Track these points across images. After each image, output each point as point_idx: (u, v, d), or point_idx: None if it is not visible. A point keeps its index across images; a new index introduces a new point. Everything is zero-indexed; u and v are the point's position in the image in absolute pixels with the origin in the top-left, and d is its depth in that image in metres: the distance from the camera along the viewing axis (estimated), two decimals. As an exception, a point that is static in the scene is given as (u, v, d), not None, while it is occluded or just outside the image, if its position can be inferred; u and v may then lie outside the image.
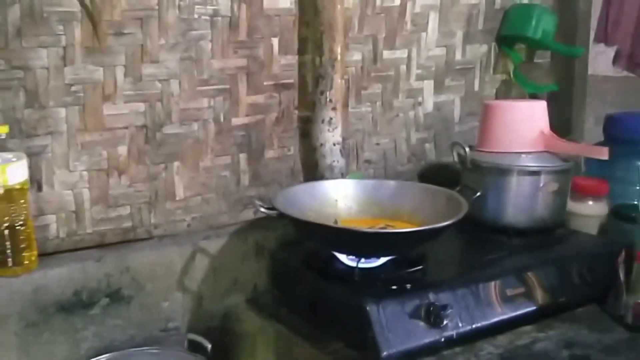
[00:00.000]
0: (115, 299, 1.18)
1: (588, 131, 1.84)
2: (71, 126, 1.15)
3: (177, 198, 1.30)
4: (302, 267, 1.23)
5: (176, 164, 1.28)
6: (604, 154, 1.29)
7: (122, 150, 1.21)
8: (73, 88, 1.14)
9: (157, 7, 1.20)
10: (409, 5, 1.51)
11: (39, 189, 1.14)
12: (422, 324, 1.06)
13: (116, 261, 1.18)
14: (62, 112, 1.14)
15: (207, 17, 1.26)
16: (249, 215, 1.38)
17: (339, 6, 1.35)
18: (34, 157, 1.13)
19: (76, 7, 1.11)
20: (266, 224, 1.33)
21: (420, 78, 1.58)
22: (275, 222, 1.27)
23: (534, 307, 1.18)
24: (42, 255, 1.14)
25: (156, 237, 1.27)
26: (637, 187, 1.44)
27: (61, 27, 1.11)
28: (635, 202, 1.43)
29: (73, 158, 1.17)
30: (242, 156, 1.36)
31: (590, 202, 1.43)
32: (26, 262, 1.08)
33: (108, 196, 1.22)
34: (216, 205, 1.35)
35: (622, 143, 1.52)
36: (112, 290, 1.18)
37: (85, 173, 1.19)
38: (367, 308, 1.03)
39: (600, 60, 1.95)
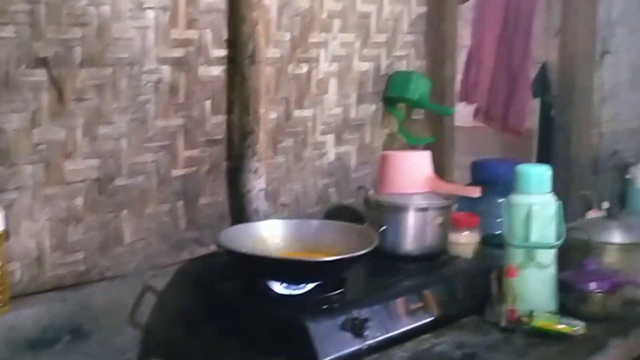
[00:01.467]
0: (77, 335, 1.31)
1: (458, 174, 2.20)
2: (36, 181, 1.29)
3: (125, 242, 1.45)
4: (240, 297, 1.43)
5: (125, 212, 1.44)
6: (476, 192, 1.63)
7: (79, 201, 1.36)
8: (39, 147, 1.29)
9: (112, 76, 1.38)
10: (314, 72, 1.79)
11: (7, 238, 1.26)
12: (349, 335, 1.30)
13: (77, 301, 1.31)
14: (29, 168, 1.28)
15: (152, 84, 1.46)
16: (186, 255, 1.56)
17: (261, 74, 1.60)
18: (4, 210, 1.25)
19: (44, 77, 1.27)
20: (204, 262, 1.52)
21: (324, 133, 1.85)
22: (211, 260, 1.46)
23: (431, 318, 1.47)
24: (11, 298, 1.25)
25: (108, 278, 1.42)
26: (499, 220, 1.77)
27: (31, 95, 1.26)
28: (499, 232, 1.77)
29: (37, 210, 1.30)
30: (180, 203, 1.55)
31: (466, 233, 1.76)
32: (1, 304, 1.20)
33: (66, 243, 1.35)
34: (158, 248, 1.51)
35: (486, 183, 1.88)
36: (74, 327, 1.31)
37: (47, 223, 1.32)
38: (307, 324, 1.25)
39: (464, 114, 2.36)
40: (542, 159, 2.86)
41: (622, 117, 3.19)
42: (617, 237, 1.72)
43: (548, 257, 1.58)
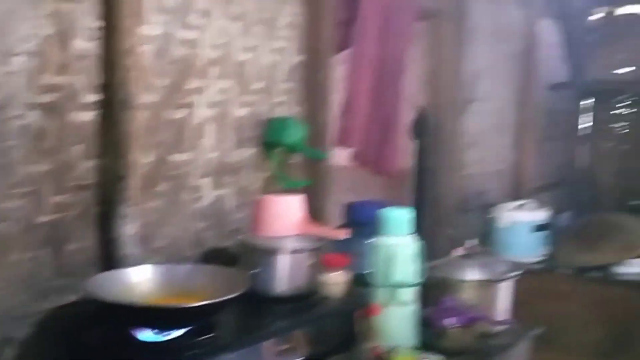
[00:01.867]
0: None
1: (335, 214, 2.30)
2: None
3: (-15, 291, 1.40)
4: (107, 346, 1.41)
5: (-14, 259, 1.40)
6: (343, 235, 1.72)
7: (-64, 249, 1.31)
8: None
9: (-27, 120, 1.35)
10: (190, 117, 1.83)
11: None
12: (217, 381, 1.33)
13: None
14: None
15: (19, 129, 1.43)
16: (53, 303, 1.52)
17: (134, 119, 1.61)
18: None
19: None
20: (69, 311, 1.49)
21: (201, 176, 1.89)
22: (77, 308, 1.44)
23: (300, 359, 1.52)
24: None
25: (-35, 329, 1.36)
26: (368, 258, 1.86)
27: None
28: (368, 272, 1.86)
29: None
30: (46, 250, 1.51)
31: (337, 273, 1.84)
32: None
33: None
34: (21, 297, 1.47)
35: (358, 225, 1.98)
36: None
37: None
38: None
39: (341, 157, 2.46)
40: (418, 199, 3.03)
41: (488, 160, 3.46)
42: (472, 274, 1.87)
43: (409, 295, 1.69)
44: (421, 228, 2.95)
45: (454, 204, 3.07)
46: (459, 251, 2.12)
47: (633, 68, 4.30)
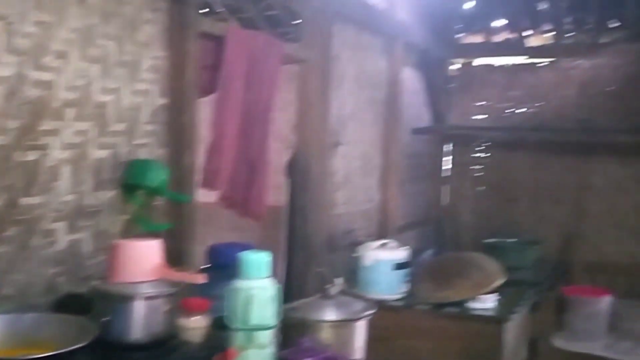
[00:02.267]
0: None
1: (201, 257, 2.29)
2: None
3: None
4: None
5: None
6: (201, 279, 1.73)
7: None
8: None
9: None
10: (43, 159, 1.78)
11: None
12: None
13: None
14: None
15: None
16: None
17: (-20, 162, 1.55)
18: None
19: None
20: None
21: (55, 220, 1.83)
22: None
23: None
24: None
25: None
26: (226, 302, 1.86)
27: None
28: (226, 315, 1.87)
29: None
30: None
31: (196, 317, 1.84)
32: None
33: None
34: None
35: (219, 267, 2.00)
36: None
37: None
38: None
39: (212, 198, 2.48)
40: (289, 238, 3.09)
41: (356, 200, 3.60)
42: (329, 314, 1.94)
43: (267, 337, 1.72)
44: (292, 266, 3.06)
45: (324, 242, 3.16)
46: (328, 289, 2.16)
47: (483, 117, 4.69)
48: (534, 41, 4.65)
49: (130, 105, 2.04)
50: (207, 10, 3.52)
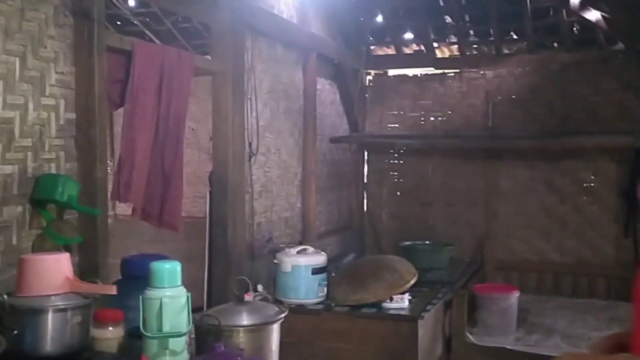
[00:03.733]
0: None
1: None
2: None
3: None
4: None
5: None
6: (112, 290, 1.75)
7: None
8: None
9: None
10: (-54, 176, 1.76)
11: None
12: None
13: None
14: None
15: None
16: None
17: None
18: None
19: None
20: None
21: (-39, 237, 1.81)
22: None
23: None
24: None
25: None
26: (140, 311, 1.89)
27: None
28: (140, 324, 1.89)
29: None
30: None
31: (110, 328, 1.85)
32: None
33: None
34: None
35: (132, 279, 2.01)
36: None
37: None
38: None
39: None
40: (210, 247, 3.12)
41: (276, 208, 3.67)
42: (243, 320, 1.99)
43: (180, 344, 1.76)
44: (213, 275, 3.09)
45: (244, 250, 3.21)
46: (247, 296, 2.21)
47: (397, 125, 4.86)
48: (441, 53, 4.87)
49: (36, 120, 2.04)
50: (119, 24, 3.54)
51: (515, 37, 4.67)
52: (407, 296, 3.06)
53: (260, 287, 3.15)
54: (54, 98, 2.10)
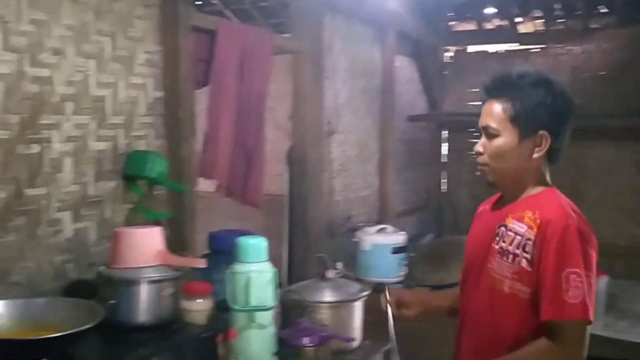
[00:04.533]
0: None
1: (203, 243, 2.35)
2: None
3: None
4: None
5: None
6: (201, 264, 1.80)
7: None
8: None
9: None
10: (46, 152, 1.84)
11: None
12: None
13: None
14: None
15: None
16: None
17: (-15, 155, 1.61)
18: None
19: None
20: None
21: (60, 210, 1.89)
22: None
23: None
24: None
25: None
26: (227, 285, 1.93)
27: None
28: (227, 298, 1.93)
29: None
30: None
31: (199, 300, 1.90)
32: None
33: None
34: None
35: (219, 253, 2.06)
36: None
37: None
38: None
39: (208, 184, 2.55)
40: (290, 224, 3.15)
41: (354, 187, 3.66)
42: (326, 296, 2.00)
43: (266, 318, 1.78)
44: (293, 252, 3.12)
45: (323, 228, 3.22)
46: (328, 274, 2.22)
47: (478, 103, 4.73)
48: (525, 28, 4.69)
49: (126, 98, 2.10)
50: (200, 3, 3.59)
51: (604, 10, 4.43)
52: (489, 277, 3.00)
53: (340, 265, 3.16)
54: (142, 77, 2.16)
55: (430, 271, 3.04)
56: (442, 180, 4.91)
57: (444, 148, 4.91)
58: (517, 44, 4.64)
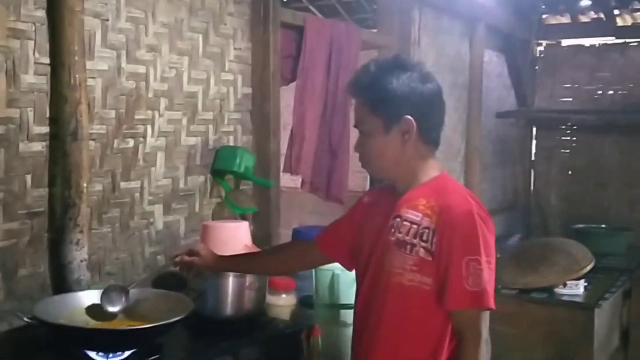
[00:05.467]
0: None
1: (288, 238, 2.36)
2: None
3: None
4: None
5: None
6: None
7: None
8: None
9: None
10: (140, 146, 1.90)
11: None
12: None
13: None
14: None
15: (-31, 159, 1.49)
16: (5, 327, 1.56)
17: (84, 150, 1.68)
18: None
19: None
20: (22, 333, 1.53)
21: (151, 203, 1.95)
22: (30, 331, 1.48)
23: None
24: None
25: None
26: (312, 281, 1.93)
27: None
28: (312, 294, 1.93)
29: None
30: (-2, 275, 1.56)
31: (283, 295, 1.91)
32: None
33: None
34: (-27, 320, 1.51)
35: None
36: None
37: None
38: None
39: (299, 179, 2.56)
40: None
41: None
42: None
43: (351, 316, 1.76)
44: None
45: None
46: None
47: (571, 99, 4.52)
48: (623, 21, 4.44)
49: (217, 94, 2.14)
50: (286, 0, 3.60)
51: None
52: (582, 282, 2.85)
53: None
54: (232, 73, 2.19)
55: (517, 273, 2.92)
56: (530, 180, 4.73)
57: (533, 146, 4.73)
58: (614, 38, 4.40)
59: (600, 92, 4.45)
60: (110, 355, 1.45)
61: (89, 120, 1.69)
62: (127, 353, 1.46)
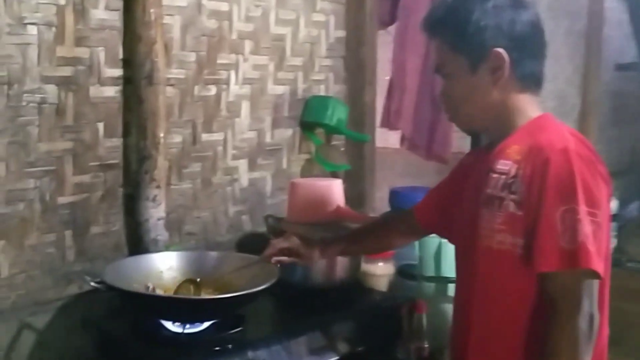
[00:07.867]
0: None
1: (381, 200, 2.14)
2: None
3: (2, 276, 1.32)
4: (130, 337, 1.32)
5: (1, 243, 1.32)
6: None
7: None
8: None
9: (-15, 95, 1.26)
10: (223, 94, 1.71)
11: None
12: (242, 379, 1.21)
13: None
14: None
15: (35, 105, 1.35)
16: (74, 289, 1.43)
17: (160, 96, 1.50)
18: None
19: None
20: (92, 297, 1.40)
21: (235, 157, 1.77)
22: (101, 295, 1.34)
23: (337, 358, 1.39)
24: None
25: (-21, 315, 1.29)
26: (416, 250, 1.71)
27: None
28: (414, 263, 1.71)
29: None
30: (68, 233, 1.43)
31: (380, 264, 1.70)
32: None
33: None
34: (42, 281, 1.39)
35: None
36: None
37: None
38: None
39: (391, 136, 2.32)
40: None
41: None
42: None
43: (459, 291, 1.53)
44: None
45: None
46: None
47: None
48: None
49: (307, 37, 1.91)
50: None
51: None
52: None
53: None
54: (324, 14, 1.95)
55: (645, 246, 2.58)
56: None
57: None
58: None
59: None
60: (188, 325, 1.29)
61: (165, 64, 1.51)
62: (206, 324, 1.30)
